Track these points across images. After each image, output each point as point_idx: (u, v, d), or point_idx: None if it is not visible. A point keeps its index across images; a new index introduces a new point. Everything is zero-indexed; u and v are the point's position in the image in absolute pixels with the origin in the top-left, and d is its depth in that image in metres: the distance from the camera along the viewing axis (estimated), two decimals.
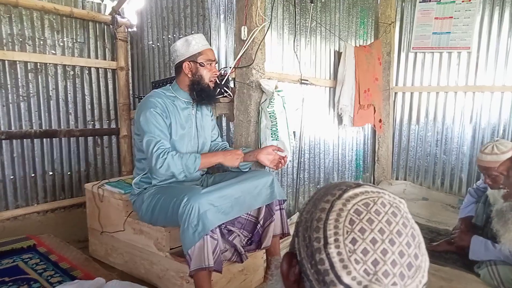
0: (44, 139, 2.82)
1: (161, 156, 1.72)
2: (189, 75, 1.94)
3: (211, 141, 2.16)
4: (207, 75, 1.95)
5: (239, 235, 1.86)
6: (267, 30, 2.37)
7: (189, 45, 1.92)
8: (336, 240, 0.49)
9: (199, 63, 1.92)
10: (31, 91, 2.73)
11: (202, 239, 1.59)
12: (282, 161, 1.99)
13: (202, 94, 1.95)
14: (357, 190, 0.54)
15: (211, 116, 2.18)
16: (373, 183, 3.95)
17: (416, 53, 3.71)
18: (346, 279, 0.47)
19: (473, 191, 2.48)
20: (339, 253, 0.48)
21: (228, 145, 2.26)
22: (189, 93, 1.98)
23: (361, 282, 0.46)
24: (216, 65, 2.05)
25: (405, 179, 3.90)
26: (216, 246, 1.64)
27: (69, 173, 2.97)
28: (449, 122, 3.60)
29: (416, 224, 0.54)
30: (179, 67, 1.96)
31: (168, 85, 2.06)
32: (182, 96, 1.98)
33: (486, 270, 2.02)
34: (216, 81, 2.04)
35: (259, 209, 1.94)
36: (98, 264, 2.22)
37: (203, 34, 2.06)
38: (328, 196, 0.54)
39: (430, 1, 3.57)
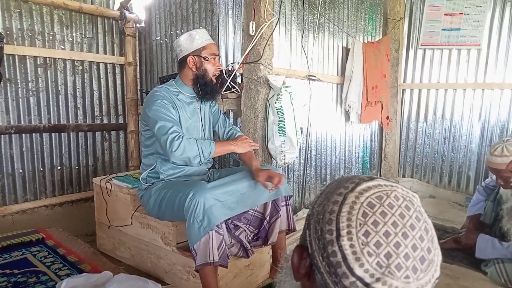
0: (53, 134, 2.85)
1: (175, 139, 1.71)
2: (193, 69, 1.94)
3: (225, 133, 2.14)
4: (211, 69, 1.95)
5: (245, 230, 1.87)
6: (275, 26, 2.36)
7: (193, 39, 1.92)
8: (349, 233, 0.49)
9: (203, 57, 1.92)
10: (40, 86, 2.76)
11: (207, 234, 1.60)
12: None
13: (206, 89, 1.95)
14: (370, 183, 0.54)
15: (217, 110, 2.18)
16: None
17: (424, 49, 3.67)
18: (359, 272, 0.47)
19: (482, 189, 2.46)
20: (351, 246, 0.48)
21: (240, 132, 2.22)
22: (193, 88, 1.98)
23: (374, 275, 0.46)
24: (219, 59, 2.05)
25: (412, 177, 3.88)
26: (221, 241, 1.65)
27: (77, 167, 3.00)
28: (458, 120, 3.56)
29: (429, 218, 0.54)
30: (183, 61, 1.96)
31: (172, 80, 2.06)
32: (186, 91, 1.98)
33: (494, 268, 2.01)
34: (218, 75, 2.04)
35: (265, 205, 1.94)
36: (105, 258, 2.24)
37: (205, 29, 2.07)
38: (341, 189, 0.54)
39: None
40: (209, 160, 2.04)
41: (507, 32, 3.27)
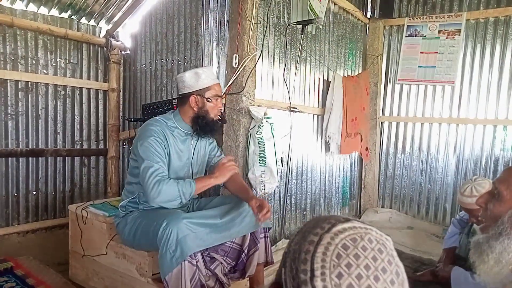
0: (30, 158, 2.79)
1: (156, 185, 1.68)
2: (195, 109, 1.88)
3: (214, 162, 2.11)
4: (213, 111, 1.90)
5: (221, 263, 1.84)
6: (258, 59, 2.43)
7: (199, 78, 1.87)
8: (322, 274, 0.50)
9: (206, 98, 1.88)
10: (20, 110, 2.73)
11: (180, 265, 1.57)
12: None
13: (205, 128, 1.91)
14: (346, 225, 0.55)
15: (215, 145, 2.15)
16: (360, 211, 3.98)
17: (402, 84, 3.82)
18: None
19: (457, 222, 2.51)
20: (324, 287, 0.49)
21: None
22: (191, 125, 1.94)
23: None
24: (222, 99, 2.00)
25: (391, 207, 3.93)
26: (195, 272, 1.62)
27: (53, 193, 2.93)
28: (434, 152, 3.68)
29: (400, 262, 0.55)
30: (184, 98, 1.91)
31: (170, 112, 2.00)
32: (183, 127, 1.93)
33: None
34: (220, 115, 1.99)
35: (244, 237, 1.91)
36: None
37: (211, 68, 2.05)
38: (317, 229, 0.56)
39: (416, 36, 3.71)
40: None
41: (478, 70, 3.45)
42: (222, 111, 1.99)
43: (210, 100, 1.89)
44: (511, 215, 1.02)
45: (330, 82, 3.30)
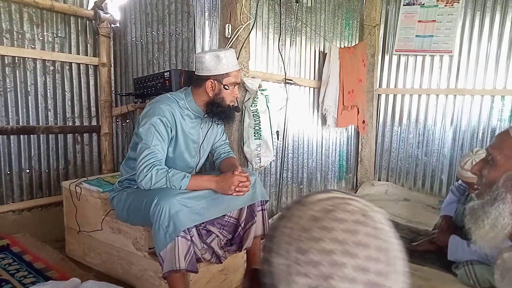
0: (22, 136, 2.73)
1: (146, 168, 1.64)
2: (210, 94, 1.80)
3: (217, 146, 2.06)
4: (229, 98, 1.82)
5: (218, 236, 1.83)
6: (252, 29, 2.36)
7: (219, 62, 1.76)
8: (285, 250, 0.44)
9: (224, 84, 1.78)
10: (8, 86, 2.65)
11: (173, 240, 1.56)
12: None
13: (220, 115, 1.83)
14: (322, 196, 0.49)
15: (223, 129, 2.08)
16: (356, 184, 3.99)
17: (399, 55, 3.75)
18: None
19: (455, 189, 2.51)
20: (286, 265, 0.44)
21: (232, 154, 2.11)
22: (204, 110, 1.85)
23: None
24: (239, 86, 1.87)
25: (387, 180, 3.94)
26: (189, 247, 1.61)
27: (47, 170, 2.90)
28: (431, 124, 3.65)
29: (394, 238, 0.47)
30: (200, 80, 1.81)
31: (182, 90, 1.90)
32: (194, 110, 1.85)
33: (463, 270, 2.05)
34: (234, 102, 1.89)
35: (241, 210, 1.90)
36: (74, 265, 2.17)
37: (234, 52, 1.88)
38: (292, 204, 0.52)
39: (414, 4, 3.61)
40: None
41: (477, 40, 3.38)
42: (238, 97, 1.89)
43: (228, 88, 1.79)
44: (506, 180, 1.00)
45: (326, 53, 3.23)
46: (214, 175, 1.79)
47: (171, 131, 1.77)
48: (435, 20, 3.53)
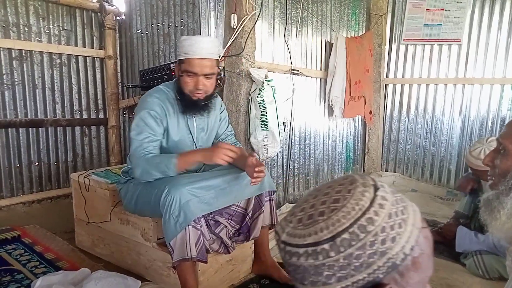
0: (30, 129, 2.76)
1: (137, 162, 1.66)
2: (177, 78, 1.79)
3: (223, 138, 1.98)
4: (186, 87, 1.71)
5: (226, 226, 1.84)
6: (257, 19, 2.34)
7: (181, 46, 1.69)
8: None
9: (181, 70, 1.72)
10: (16, 79, 2.67)
11: (184, 230, 1.57)
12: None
13: (183, 103, 1.75)
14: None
15: (220, 113, 1.97)
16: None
17: (407, 45, 3.70)
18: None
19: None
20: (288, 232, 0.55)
21: (239, 144, 2.06)
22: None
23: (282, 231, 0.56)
24: (207, 80, 1.70)
25: (394, 171, 3.92)
26: (199, 236, 1.62)
27: (56, 163, 2.93)
28: (439, 114, 3.61)
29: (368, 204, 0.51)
30: None
31: (174, 80, 1.84)
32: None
33: (472, 260, 2.04)
34: (200, 97, 1.74)
35: (248, 200, 1.90)
36: (84, 255, 2.19)
37: (206, 39, 1.79)
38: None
39: None
40: None
41: (486, 28, 3.32)
42: (200, 93, 1.71)
43: (182, 75, 1.71)
44: None
45: (332, 44, 3.19)
46: (201, 149, 1.79)
47: (161, 123, 1.74)
48: (443, 9, 3.47)
